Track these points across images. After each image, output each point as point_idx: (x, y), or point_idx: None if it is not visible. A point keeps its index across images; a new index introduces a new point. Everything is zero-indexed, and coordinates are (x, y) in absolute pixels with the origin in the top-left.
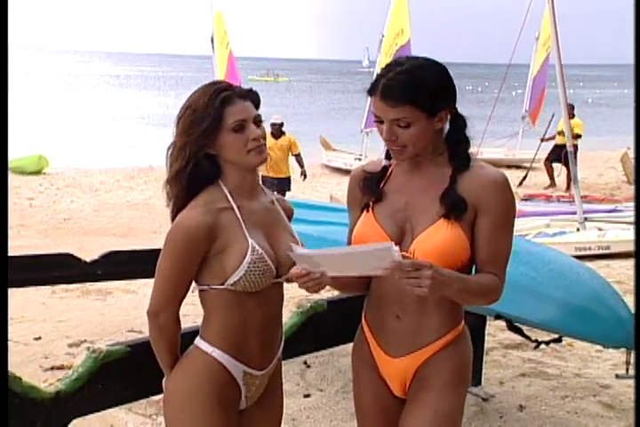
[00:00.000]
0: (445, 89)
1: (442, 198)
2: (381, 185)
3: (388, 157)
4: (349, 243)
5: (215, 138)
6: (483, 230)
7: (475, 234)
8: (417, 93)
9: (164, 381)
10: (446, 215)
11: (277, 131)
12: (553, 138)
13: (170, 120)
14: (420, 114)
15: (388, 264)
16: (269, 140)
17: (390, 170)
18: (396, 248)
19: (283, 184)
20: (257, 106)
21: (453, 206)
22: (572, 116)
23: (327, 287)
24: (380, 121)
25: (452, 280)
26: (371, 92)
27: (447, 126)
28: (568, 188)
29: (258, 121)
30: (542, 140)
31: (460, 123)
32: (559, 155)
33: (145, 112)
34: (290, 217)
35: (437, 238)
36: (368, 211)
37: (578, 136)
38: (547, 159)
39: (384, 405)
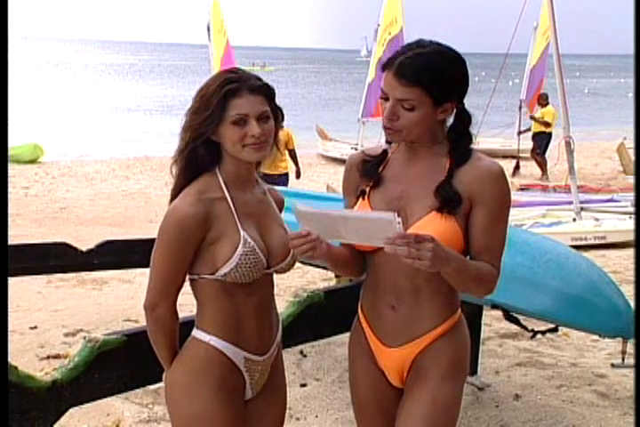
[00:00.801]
0: (459, 81)
1: (436, 191)
2: (380, 170)
3: (388, 141)
4: None
5: (216, 127)
6: (478, 222)
7: (469, 225)
8: (431, 78)
9: (164, 374)
10: (439, 209)
11: None
12: (529, 129)
13: (166, 108)
14: (427, 100)
15: (390, 235)
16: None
17: (389, 156)
18: (399, 219)
19: (279, 182)
20: (271, 100)
21: (447, 200)
22: (545, 104)
23: (324, 276)
24: (385, 98)
25: (451, 257)
26: (385, 66)
27: (451, 119)
28: (544, 173)
29: (264, 117)
30: (520, 133)
31: (465, 118)
32: (540, 144)
33: (141, 101)
34: (281, 208)
35: (430, 230)
36: (364, 198)
37: (547, 124)
38: (532, 151)
39: (381, 395)
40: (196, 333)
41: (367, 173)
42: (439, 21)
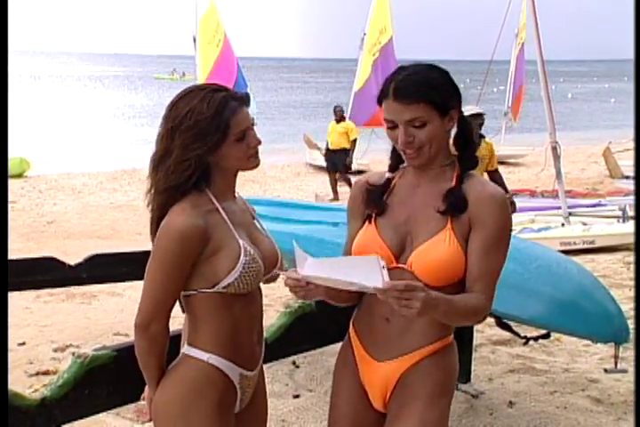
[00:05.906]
0: (453, 88)
1: (445, 196)
2: (384, 197)
3: (391, 169)
4: (348, 252)
5: (218, 149)
6: (475, 246)
7: (467, 249)
8: (430, 90)
9: (145, 394)
10: (444, 212)
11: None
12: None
13: (154, 119)
14: (434, 112)
15: (378, 280)
16: None
17: (394, 183)
18: (383, 263)
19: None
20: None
21: (455, 204)
22: (342, 119)
23: None
24: (392, 127)
25: (439, 303)
26: (381, 97)
27: (454, 130)
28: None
29: (253, 124)
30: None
31: (466, 124)
32: (332, 162)
33: (129, 112)
34: (253, 217)
35: (436, 252)
36: (370, 222)
37: (354, 141)
38: (337, 172)
39: (360, 417)
40: (190, 351)
41: (372, 203)
42: (424, 30)
